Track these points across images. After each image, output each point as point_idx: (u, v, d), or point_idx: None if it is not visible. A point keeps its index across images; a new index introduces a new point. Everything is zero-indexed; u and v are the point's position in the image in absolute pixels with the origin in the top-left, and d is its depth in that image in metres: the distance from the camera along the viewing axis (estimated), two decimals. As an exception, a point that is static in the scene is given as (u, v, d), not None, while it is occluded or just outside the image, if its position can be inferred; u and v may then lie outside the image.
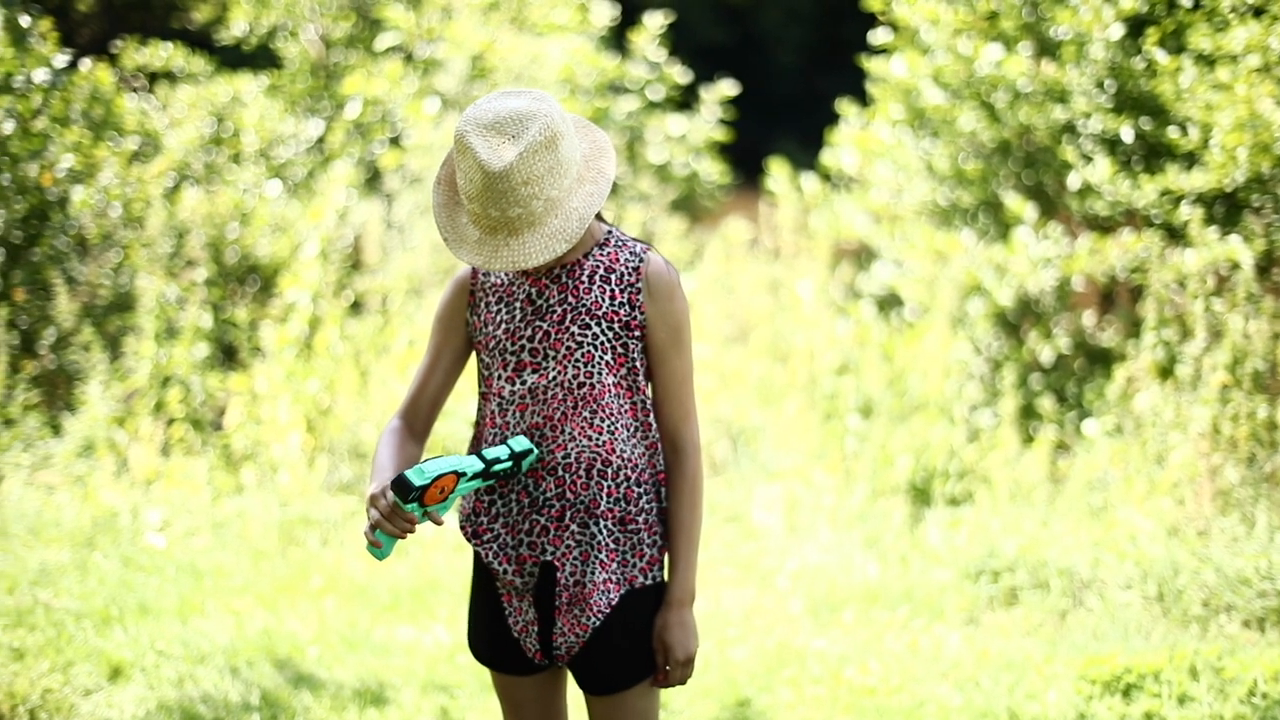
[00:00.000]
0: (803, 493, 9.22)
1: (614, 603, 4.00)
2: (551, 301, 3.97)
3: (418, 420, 4.18)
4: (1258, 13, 9.16)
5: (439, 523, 3.86)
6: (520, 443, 3.92)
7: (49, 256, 10.39)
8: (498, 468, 3.89)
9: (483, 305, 4.04)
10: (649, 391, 4.06)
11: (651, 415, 4.06)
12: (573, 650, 4.01)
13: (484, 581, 4.12)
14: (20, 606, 7.11)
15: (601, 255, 4.00)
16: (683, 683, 4.10)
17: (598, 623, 3.99)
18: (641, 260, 4.00)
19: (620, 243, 4.02)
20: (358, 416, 9.75)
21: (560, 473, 3.97)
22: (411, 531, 3.83)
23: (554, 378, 3.96)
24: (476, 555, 4.12)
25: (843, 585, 8.07)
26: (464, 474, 3.84)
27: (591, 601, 3.98)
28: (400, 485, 3.76)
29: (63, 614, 7.10)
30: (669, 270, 4.01)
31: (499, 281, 4.04)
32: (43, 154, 10.36)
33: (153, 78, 14.43)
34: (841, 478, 9.33)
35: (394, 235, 12.35)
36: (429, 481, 3.77)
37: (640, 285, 3.98)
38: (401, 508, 3.78)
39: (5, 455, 9.03)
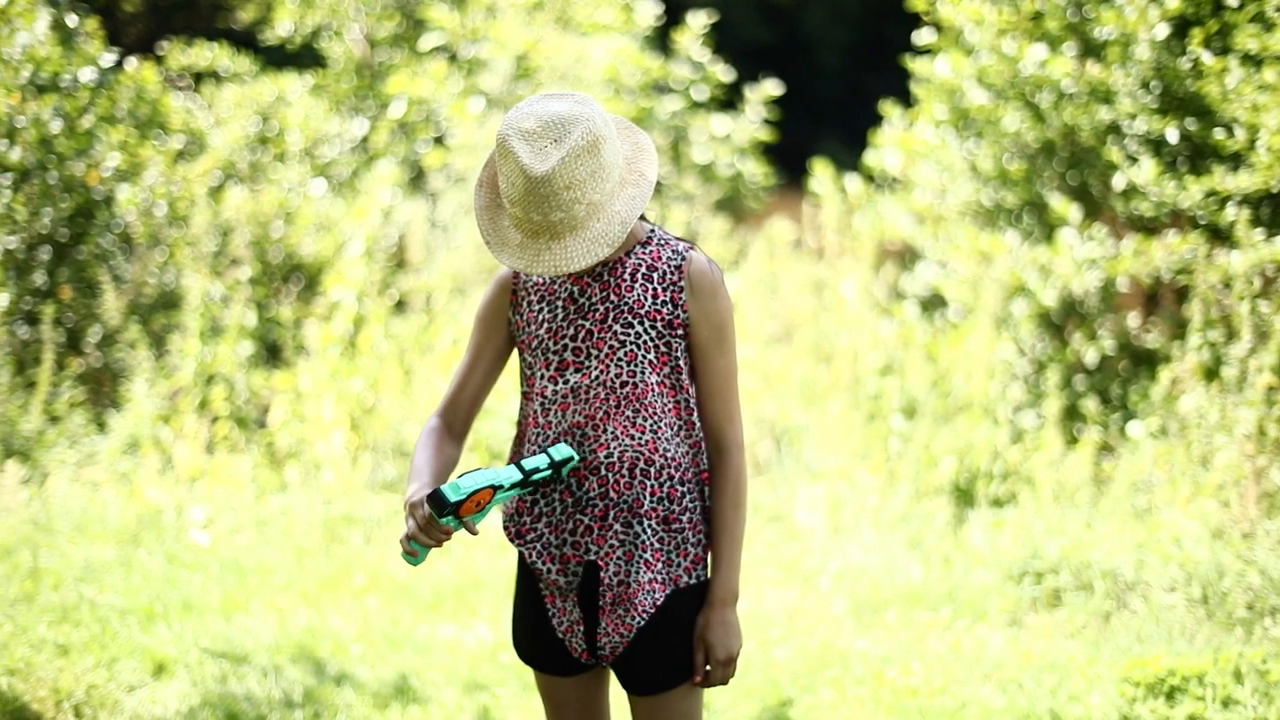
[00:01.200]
0: (846, 493, 9.21)
1: (659, 602, 4.00)
2: (594, 300, 3.97)
3: (457, 419, 4.19)
4: (1305, 13, 9.12)
5: (474, 533, 3.87)
6: (560, 450, 3.91)
7: (95, 255, 10.44)
8: (537, 477, 3.89)
9: (525, 305, 4.05)
10: (692, 390, 4.06)
11: (695, 414, 4.06)
12: (617, 650, 4.01)
13: (528, 581, 4.12)
14: (66, 603, 7.15)
15: (644, 254, 3.99)
16: (724, 683, 4.10)
17: (642, 622, 3.99)
18: (684, 259, 4.00)
19: (663, 241, 4.02)
20: (401, 415, 9.77)
21: (603, 472, 3.97)
22: (447, 540, 3.85)
23: (596, 377, 3.95)
24: (520, 555, 4.12)
25: (886, 586, 8.06)
26: (501, 486, 3.84)
27: (636, 601, 3.98)
28: (436, 500, 3.76)
29: (107, 610, 7.14)
30: (712, 268, 4.01)
31: (540, 281, 4.04)
32: (89, 153, 10.41)
33: (198, 77, 14.49)
34: (885, 478, 9.32)
35: (438, 234, 12.37)
36: (464, 497, 3.77)
37: (683, 284, 3.97)
38: (436, 521, 3.80)
39: (51, 452, 9.07)
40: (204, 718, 6.22)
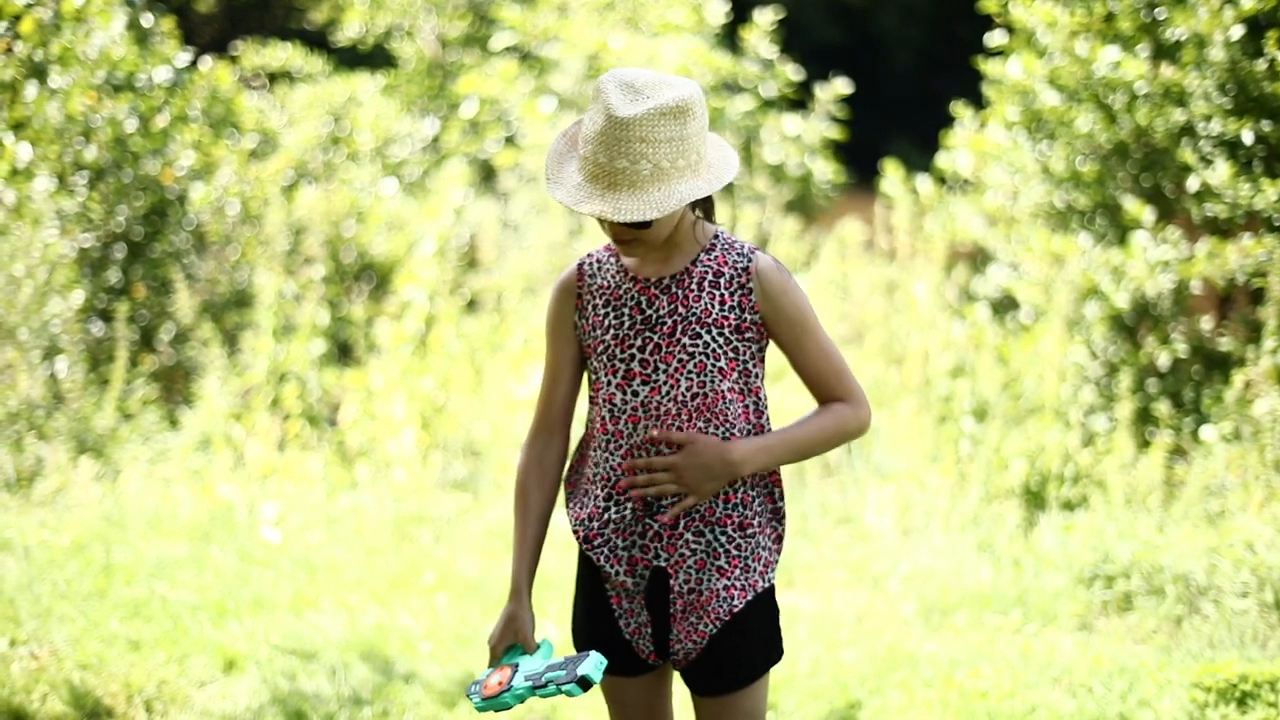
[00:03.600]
0: (916, 495, 9.19)
1: (736, 609, 3.99)
2: (661, 313, 3.96)
3: (553, 438, 4.18)
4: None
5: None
6: (594, 673, 3.86)
7: (169, 253, 10.52)
8: (544, 693, 3.92)
9: (590, 309, 4.05)
10: (762, 394, 4.05)
11: (764, 417, 4.05)
12: (690, 656, 4.01)
13: (592, 584, 4.11)
14: (138, 598, 7.20)
15: (709, 260, 3.99)
16: (636, 472, 4.00)
17: (715, 630, 3.98)
18: (750, 260, 3.98)
19: (727, 245, 4.01)
20: (472, 414, 9.80)
21: (678, 486, 3.98)
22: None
23: (667, 392, 3.95)
24: (584, 559, 4.12)
25: (955, 589, 8.03)
26: (516, 692, 3.92)
27: (710, 609, 3.97)
28: (469, 692, 4.01)
29: (179, 606, 7.18)
30: (779, 266, 3.99)
31: (605, 284, 4.04)
32: (163, 152, 10.50)
33: (271, 77, 14.60)
34: (955, 480, 9.28)
35: (509, 234, 12.40)
36: (486, 710, 3.97)
37: (751, 285, 3.96)
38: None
39: (124, 449, 9.15)
40: (273, 714, 6.25)
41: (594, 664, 3.83)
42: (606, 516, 4.02)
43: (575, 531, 4.07)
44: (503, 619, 4.06)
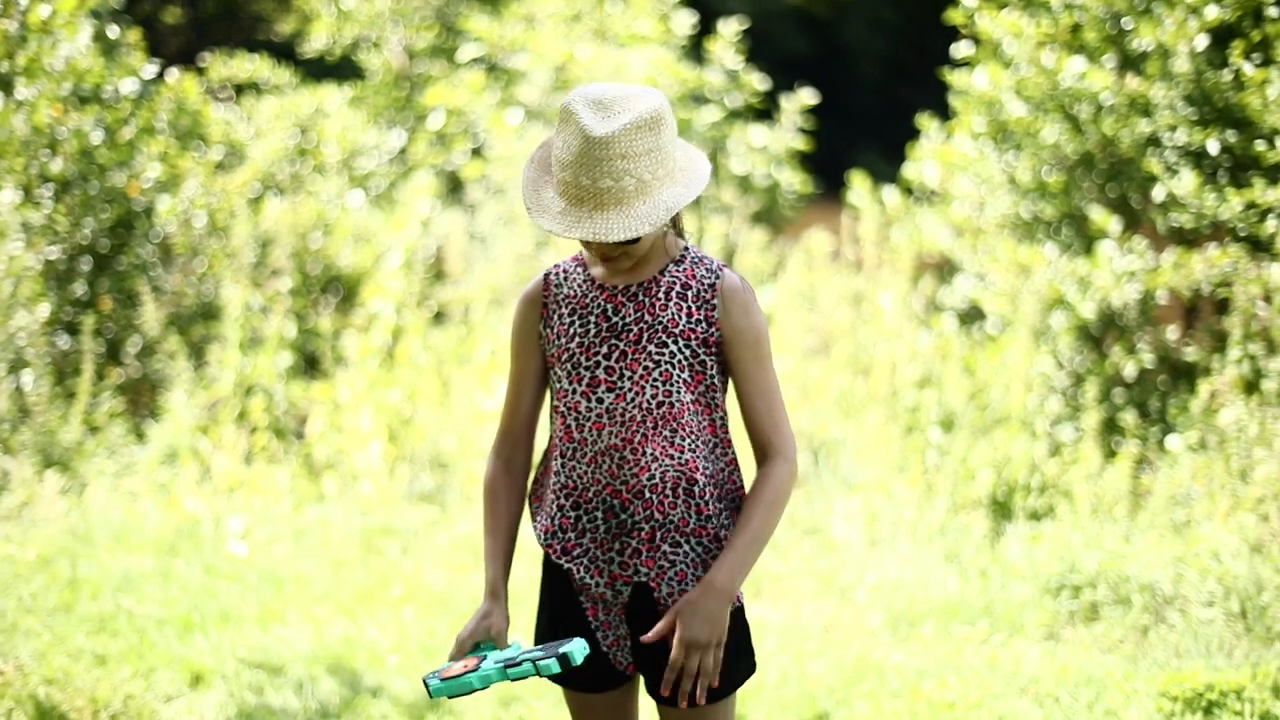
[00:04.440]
0: (883, 506, 9.20)
1: (722, 619, 4.00)
2: (628, 320, 3.97)
3: (516, 450, 4.20)
4: (1347, 23, 9.09)
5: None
6: (576, 652, 3.81)
7: (135, 265, 10.49)
8: (515, 672, 3.87)
9: (555, 317, 4.05)
10: (725, 409, 4.06)
11: (728, 432, 4.06)
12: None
13: (563, 599, 4.11)
14: (103, 613, 7.18)
15: (678, 271, 4.00)
16: (683, 669, 3.92)
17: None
18: (718, 277, 4.00)
19: (696, 259, 4.02)
20: (439, 426, 9.80)
21: (647, 495, 3.97)
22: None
23: (632, 398, 3.95)
24: (551, 572, 4.12)
25: (922, 599, 8.04)
26: (489, 676, 3.86)
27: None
28: (425, 683, 3.92)
29: (145, 620, 7.17)
30: (745, 287, 4.01)
31: (572, 293, 4.04)
32: (130, 164, 10.47)
33: (238, 89, 14.56)
34: (922, 491, 9.30)
35: (476, 246, 12.40)
36: (441, 696, 3.91)
37: (716, 302, 3.97)
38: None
39: (90, 462, 9.12)
40: (240, 728, 6.25)
41: (578, 646, 3.79)
42: (581, 527, 4.02)
43: (549, 545, 4.06)
44: (477, 616, 4.03)
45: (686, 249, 4.06)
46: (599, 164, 3.77)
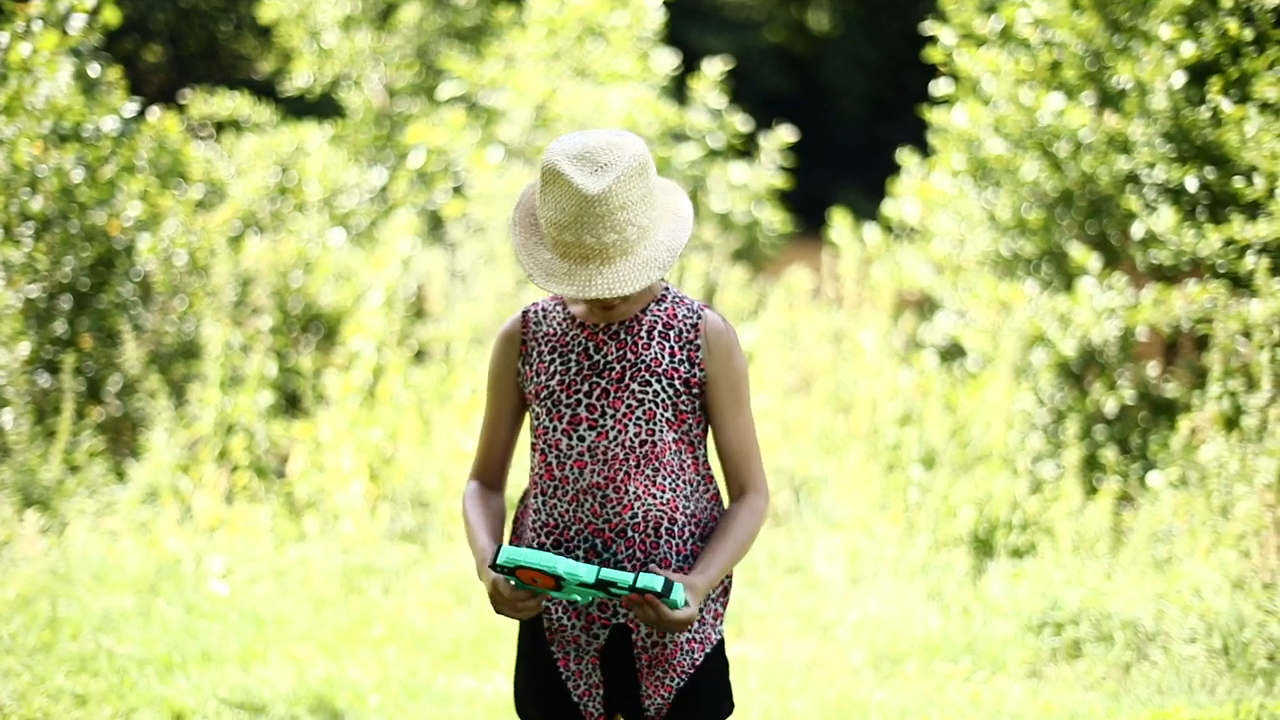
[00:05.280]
0: (865, 543, 9.20)
1: (699, 661, 4.00)
2: (610, 358, 3.97)
3: (492, 477, 4.20)
4: (1323, 60, 9.14)
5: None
6: (649, 580, 3.77)
7: (115, 304, 10.46)
8: (614, 591, 3.80)
9: (535, 355, 4.04)
10: (706, 447, 4.07)
11: (710, 470, 4.07)
12: (662, 712, 4.02)
13: (538, 646, 4.10)
14: (84, 652, 7.15)
15: (659, 310, 4.00)
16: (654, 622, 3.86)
17: (682, 683, 3.99)
18: (700, 317, 4.00)
19: (677, 299, 4.03)
20: (420, 465, 9.78)
21: (630, 534, 3.97)
22: (528, 610, 3.89)
23: (615, 436, 3.95)
24: (525, 626, 4.11)
25: (904, 637, 8.04)
26: (560, 576, 3.77)
27: (675, 662, 3.98)
28: (492, 561, 3.80)
29: (125, 660, 7.14)
30: (728, 329, 4.01)
31: (552, 331, 4.04)
32: (110, 202, 10.45)
33: (219, 127, 14.57)
34: (904, 528, 9.30)
35: (457, 284, 12.40)
36: (510, 566, 3.77)
37: (699, 342, 3.98)
38: (501, 577, 3.85)
39: (70, 502, 9.09)
40: (222, 769, 6.22)
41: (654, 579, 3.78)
42: (562, 568, 4.02)
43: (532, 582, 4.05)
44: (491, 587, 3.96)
45: (667, 288, 4.06)
46: (600, 220, 3.77)
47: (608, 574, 3.77)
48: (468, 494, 4.17)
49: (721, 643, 4.08)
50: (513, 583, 3.82)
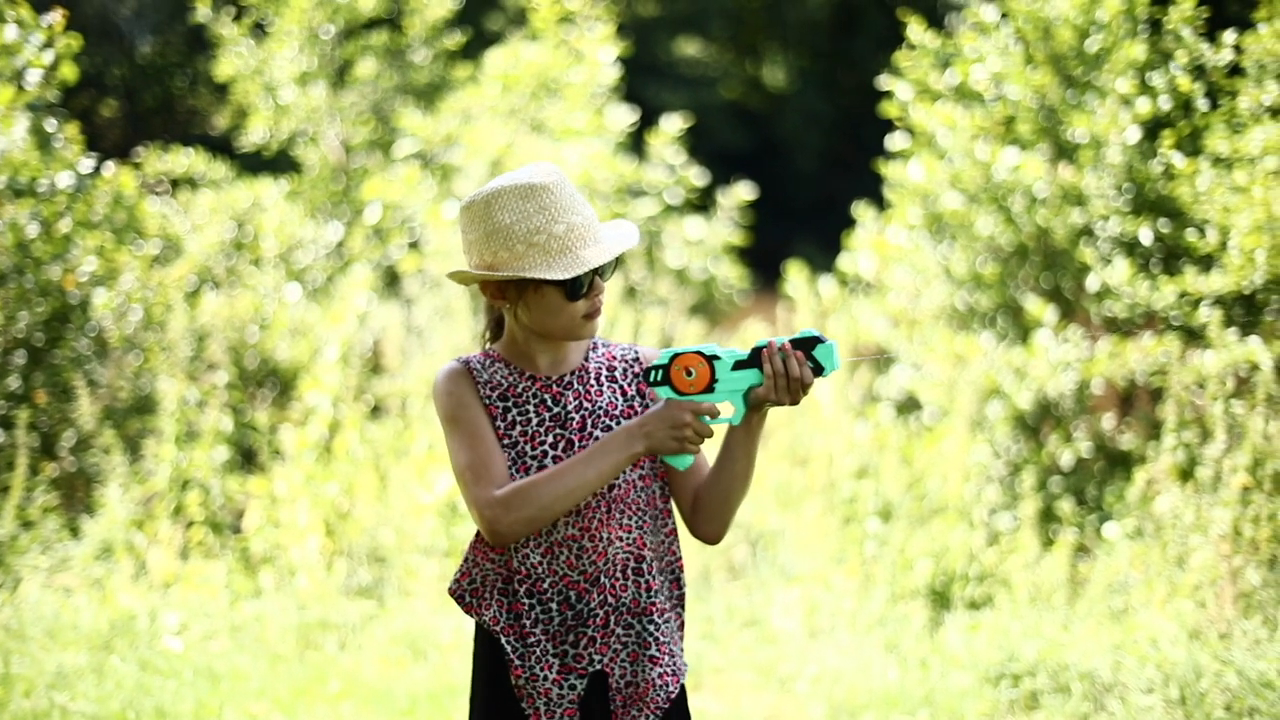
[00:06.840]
0: (822, 596, 9.20)
1: (673, 695, 4.01)
2: (569, 409, 3.99)
3: (506, 480, 4.07)
4: (1275, 114, 9.21)
5: (714, 416, 3.95)
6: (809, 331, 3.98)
7: (70, 359, 10.42)
8: (761, 347, 3.95)
9: (488, 402, 4.02)
10: (664, 476, 4.09)
11: (670, 501, 4.09)
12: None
13: (502, 704, 4.05)
14: (37, 710, 7.09)
15: (598, 357, 4.09)
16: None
17: (657, 719, 3.99)
18: (635, 353, 4.13)
19: (606, 344, 4.15)
20: (377, 520, 9.75)
21: (603, 580, 3.97)
22: (705, 434, 3.95)
23: (584, 487, 3.96)
24: (489, 669, 4.06)
25: (862, 689, 8.03)
26: (716, 356, 3.90)
27: (648, 699, 3.97)
28: (644, 375, 3.95)
29: (79, 718, 7.08)
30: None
31: (499, 382, 4.02)
32: (65, 257, 10.42)
33: (174, 183, 14.54)
34: (861, 581, 9.30)
35: (414, 339, 12.38)
36: (667, 362, 3.90)
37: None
38: (657, 395, 3.97)
39: (24, 558, 9.03)
40: (176, 826, 6.17)
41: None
42: (535, 616, 3.99)
43: (504, 629, 4.00)
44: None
45: (594, 340, 4.14)
46: (574, 196, 3.94)
47: (760, 342, 3.94)
48: (512, 489, 3.93)
49: (683, 691, 4.09)
50: (668, 394, 3.92)
